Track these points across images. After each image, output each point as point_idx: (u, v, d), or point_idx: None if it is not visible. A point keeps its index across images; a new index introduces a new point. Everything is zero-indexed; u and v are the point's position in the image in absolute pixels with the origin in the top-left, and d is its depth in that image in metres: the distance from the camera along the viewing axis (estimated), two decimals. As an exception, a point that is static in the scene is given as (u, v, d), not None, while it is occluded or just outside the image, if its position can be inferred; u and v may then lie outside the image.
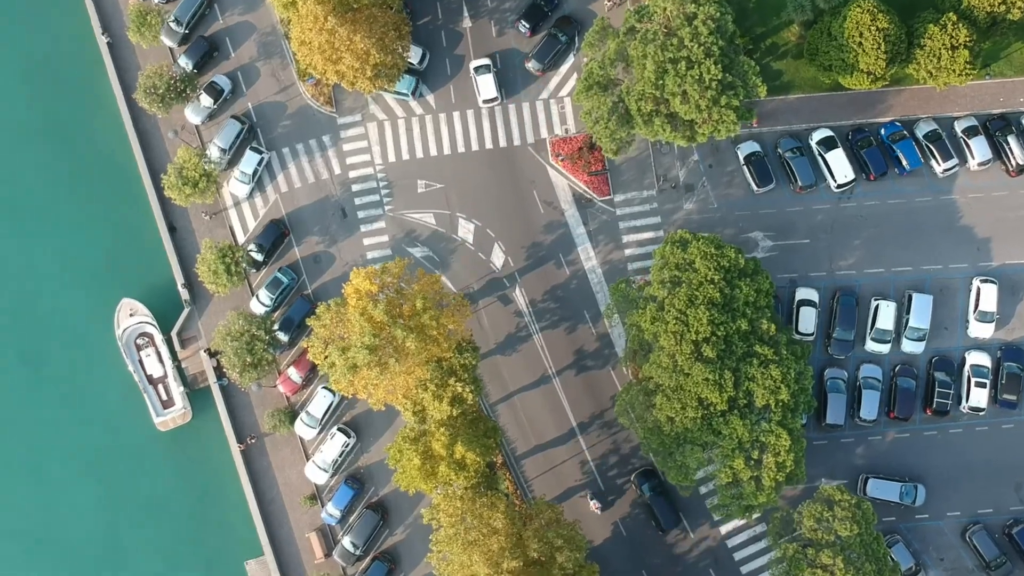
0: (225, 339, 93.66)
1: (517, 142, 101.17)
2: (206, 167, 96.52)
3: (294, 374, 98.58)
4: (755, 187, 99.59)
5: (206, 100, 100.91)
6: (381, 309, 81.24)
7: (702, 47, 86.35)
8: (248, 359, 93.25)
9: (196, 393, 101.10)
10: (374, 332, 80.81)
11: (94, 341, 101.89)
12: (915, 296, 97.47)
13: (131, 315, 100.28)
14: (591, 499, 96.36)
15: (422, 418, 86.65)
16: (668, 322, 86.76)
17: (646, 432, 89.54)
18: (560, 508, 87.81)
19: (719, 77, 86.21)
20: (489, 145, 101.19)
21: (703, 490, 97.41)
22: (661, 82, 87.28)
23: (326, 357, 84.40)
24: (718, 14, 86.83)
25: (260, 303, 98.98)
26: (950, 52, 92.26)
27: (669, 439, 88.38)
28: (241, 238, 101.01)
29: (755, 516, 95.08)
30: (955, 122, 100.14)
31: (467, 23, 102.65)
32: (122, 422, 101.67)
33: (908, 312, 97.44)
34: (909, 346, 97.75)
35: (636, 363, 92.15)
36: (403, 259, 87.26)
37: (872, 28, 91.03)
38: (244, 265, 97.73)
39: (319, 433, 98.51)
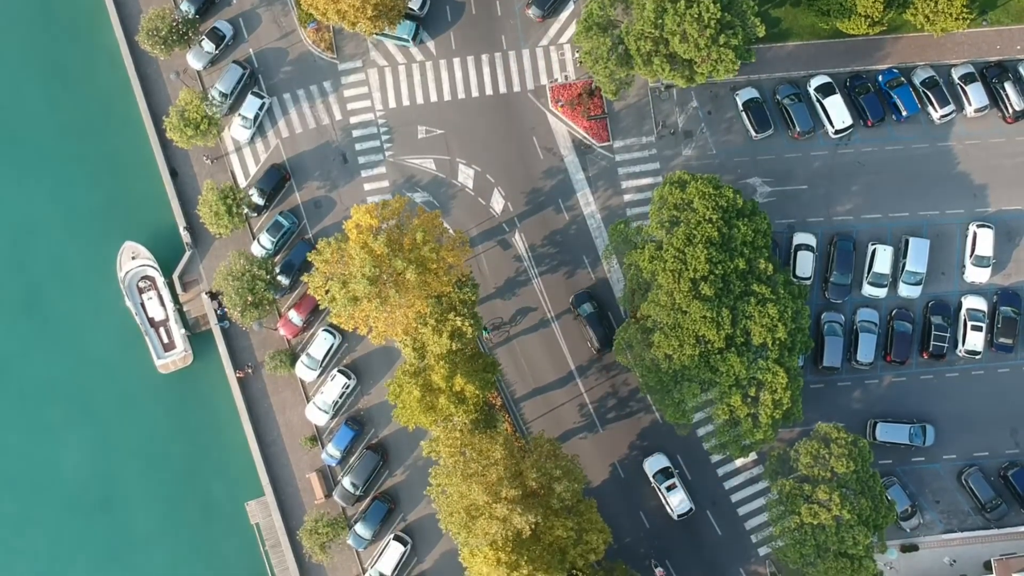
0: (226, 279, 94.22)
1: (517, 88, 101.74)
2: (208, 112, 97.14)
3: (295, 317, 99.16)
4: (753, 133, 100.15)
5: (208, 46, 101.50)
6: (381, 241, 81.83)
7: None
8: (249, 298, 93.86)
9: (197, 337, 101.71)
10: (374, 264, 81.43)
11: (96, 284, 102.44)
12: (912, 241, 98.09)
13: (133, 258, 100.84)
14: (656, 567, 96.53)
15: (422, 354, 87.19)
16: (666, 260, 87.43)
17: (644, 370, 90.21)
18: (558, 443, 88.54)
19: (717, 16, 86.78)
20: (489, 92, 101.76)
21: (700, 432, 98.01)
22: (660, 21, 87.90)
23: (327, 291, 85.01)
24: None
25: (261, 246, 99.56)
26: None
27: (667, 377, 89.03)
28: (242, 182, 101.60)
29: (752, 455, 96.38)
30: (952, 69, 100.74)
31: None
32: (123, 365, 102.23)
33: (905, 256, 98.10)
34: (906, 290, 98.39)
35: (634, 303, 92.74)
36: (403, 196, 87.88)
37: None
38: (245, 208, 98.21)
39: (319, 375, 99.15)
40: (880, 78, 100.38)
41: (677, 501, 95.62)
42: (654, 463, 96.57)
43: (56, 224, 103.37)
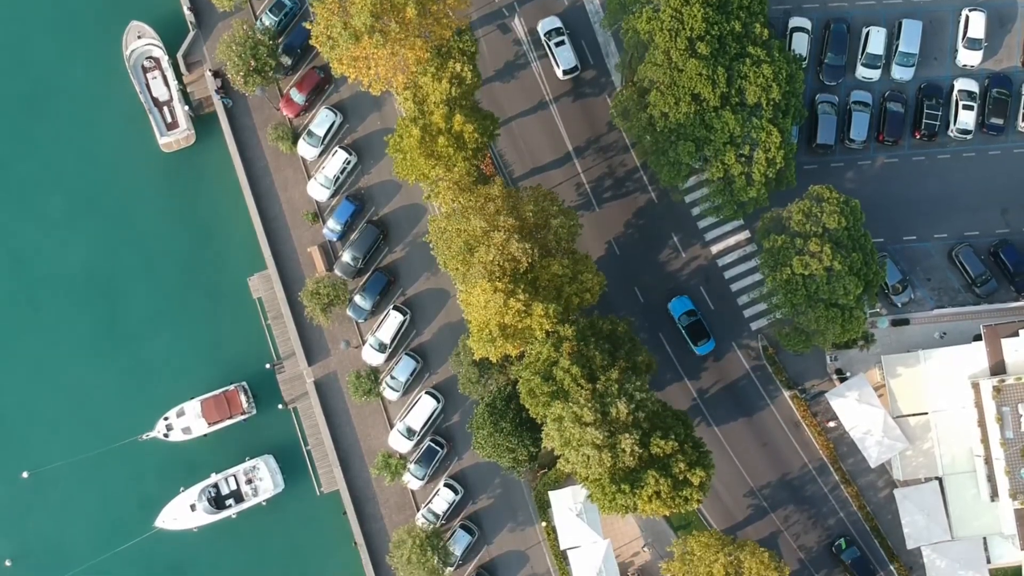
0: (230, 46, 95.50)
1: None
2: None
3: (296, 95, 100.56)
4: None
5: None
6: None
7: None
8: (252, 63, 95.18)
9: (200, 120, 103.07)
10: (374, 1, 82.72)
11: (102, 64, 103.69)
12: (905, 22, 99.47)
13: (139, 37, 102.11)
14: None
15: (422, 109, 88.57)
16: (663, 20, 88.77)
17: (640, 131, 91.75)
18: (555, 193, 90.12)
19: None
20: None
21: (695, 212, 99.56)
22: None
23: (328, 37, 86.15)
24: None
25: (264, 25, 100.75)
26: None
27: (662, 136, 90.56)
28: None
29: (745, 233, 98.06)
30: None
31: None
32: (127, 143, 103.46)
33: (898, 38, 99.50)
34: (899, 72, 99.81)
35: (631, 67, 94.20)
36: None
37: None
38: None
39: (321, 154, 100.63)
40: None
41: (564, 57, 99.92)
42: (547, 24, 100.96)
43: (62, 4, 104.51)
